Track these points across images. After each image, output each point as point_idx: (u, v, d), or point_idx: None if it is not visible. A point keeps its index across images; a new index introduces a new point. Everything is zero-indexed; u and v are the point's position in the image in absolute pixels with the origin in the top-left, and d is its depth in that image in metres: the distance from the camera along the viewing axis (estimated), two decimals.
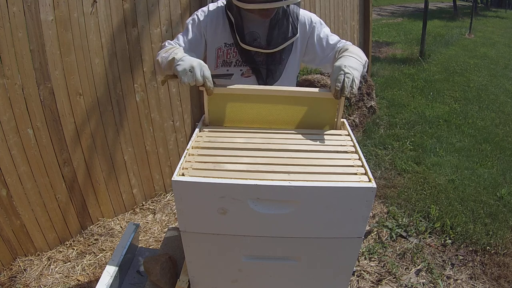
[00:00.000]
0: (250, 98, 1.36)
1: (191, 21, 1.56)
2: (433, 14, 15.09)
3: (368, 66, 5.42)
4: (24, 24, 2.01)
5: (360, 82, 4.85)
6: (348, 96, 1.26)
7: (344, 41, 1.55)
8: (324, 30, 1.56)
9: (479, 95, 5.78)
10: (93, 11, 2.29)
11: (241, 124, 1.40)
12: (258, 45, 1.47)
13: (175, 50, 1.40)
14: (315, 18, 1.58)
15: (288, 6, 1.47)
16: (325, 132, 1.35)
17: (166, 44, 1.51)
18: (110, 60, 2.46)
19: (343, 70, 1.26)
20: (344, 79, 1.25)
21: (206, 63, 1.33)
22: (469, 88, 6.10)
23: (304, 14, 1.57)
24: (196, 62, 1.29)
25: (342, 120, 1.43)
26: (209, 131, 1.34)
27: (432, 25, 11.82)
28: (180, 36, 1.55)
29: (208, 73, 1.29)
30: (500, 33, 12.24)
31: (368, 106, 4.50)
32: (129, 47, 2.54)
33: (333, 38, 1.55)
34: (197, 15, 1.56)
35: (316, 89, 1.38)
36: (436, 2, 21.07)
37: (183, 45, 1.51)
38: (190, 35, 1.53)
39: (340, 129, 1.40)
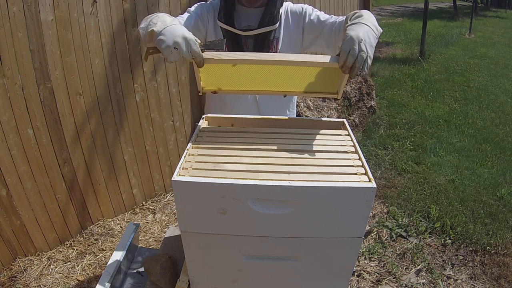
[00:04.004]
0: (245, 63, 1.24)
1: (193, 7, 1.55)
2: (433, 14, 15.09)
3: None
4: (24, 24, 2.01)
5: (360, 82, 4.83)
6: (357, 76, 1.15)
7: (336, 16, 1.50)
8: (315, 13, 1.54)
9: (479, 95, 5.78)
10: (93, 11, 2.29)
11: (238, 87, 1.30)
12: (233, 25, 1.47)
13: (154, 19, 1.21)
14: (306, 5, 1.58)
15: None
16: (325, 132, 1.35)
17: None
18: (110, 60, 2.46)
19: (359, 46, 1.08)
20: (357, 57, 1.08)
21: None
22: (469, 88, 6.10)
23: (296, 5, 1.58)
24: (180, 37, 1.11)
25: (342, 120, 1.43)
26: (209, 131, 1.34)
27: (432, 25, 11.83)
28: (184, 15, 1.52)
29: (195, 46, 1.13)
30: (500, 33, 12.24)
31: (368, 106, 4.50)
32: (129, 47, 2.54)
33: (325, 15, 1.53)
34: (201, 4, 1.56)
35: (322, 57, 1.18)
36: (436, 2, 21.07)
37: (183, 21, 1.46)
38: (194, 20, 1.51)
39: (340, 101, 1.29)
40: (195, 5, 1.57)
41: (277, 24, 1.49)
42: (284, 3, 1.56)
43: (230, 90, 1.33)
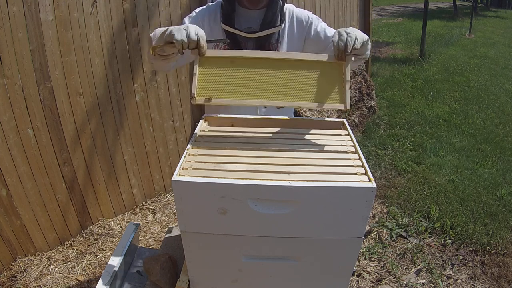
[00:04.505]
0: (246, 64, 1.26)
1: (187, 18, 1.56)
2: (433, 14, 15.08)
3: (368, 64, 5.29)
4: (24, 24, 2.01)
5: (360, 82, 4.84)
6: (351, 52, 1.19)
7: None
8: (321, 25, 1.56)
9: (479, 95, 5.78)
10: (93, 11, 2.29)
11: (234, 96, 1.26)
12: (239, 28, 1.47)
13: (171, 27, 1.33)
14: (311, 14, 1.58)
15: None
16: (325, 132, 1.35)
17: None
18: (110, 60, 2.46)
19: (345, 31, 1.21)
20: (346, 38, 1.20)
21: None
22: (469, 88, 6.10)
23: (302, 12, 1.58)
24: (191, 25, 1.25)
25: (342, 120, 1.43)
26: (209, 131, 1.34)
27: (432, 25, 11.82)
28: None
29: (203, 33, 1.24)
30: (500, 33, 12.23)
31: (368, 106, 4.50)
32: (129, 47, 2.54)
33: (331, 31, 1.54)
34: (194, 11, 1.56)
35: (321, 54, 1.29)
36: (436, 2, 21.06)
37: None
38: None
39: (346, 108, 1.25)
40: (189, 16, 1.57)
41: (282, 25, 1.50)
42: (288, 7, 1.56)
43: (224, 101, 1.27)
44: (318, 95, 1.26)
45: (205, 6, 1.58)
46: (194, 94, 1.24)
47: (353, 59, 1.29)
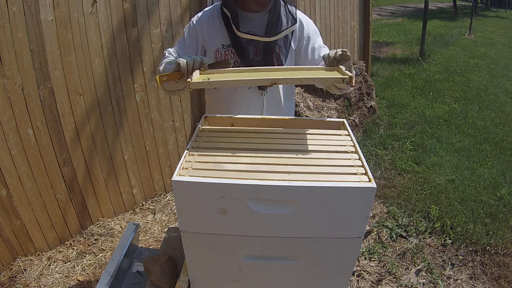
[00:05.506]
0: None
1: (186, 28, 1.59)
2: (433, 14, 15.08)
3: (368, 64, 5.35)
4: (24, 24, 2.01)
5: (360, 82, 4.85)
6: (341, 53, 1.33)
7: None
8: (318, 40, 1.62)
9: (479, 95, 5.77)
10: (93, 11, 2.29)
11: (233, 77, 1.31)
12: (255, 34, 1.48)
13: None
14: (313, 25, 1.63)
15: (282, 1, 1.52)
16: (325, 132, 1.35)
17: (167, 54, 1.53)
18: (110, 60, 2.46)
19: (333, 49, 1.39)
20: (336, 51, 1.36)
21: None
22: (469, 88, 6.10)
23: (305, 17, 1.61)
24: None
25: (342, 120, 1.43)
26: (209, 131, 1.34)
27: (432, 25, 11.81)
28: (176, 45, 1.59)
29: (206, 59, 1.37)
30: (500, 33, 12.23)
31: (368, 106, 4.50)
32: (129, 47, 2.54)
33: (325, 50, 1.57)
34: (192, 21, 1.58)
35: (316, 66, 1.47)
36: (436, 2, 21.06)
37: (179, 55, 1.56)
38: (185, 44, 1.56)
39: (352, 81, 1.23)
40: (187, 26, 1.59)
41: (297, 24, 1.53)
42: (295, 11, 1.56)
43: (222, 80, 1.29)
44: (319, 74, 1.35)
45: (201, 13, 1.58)
46: (192, 76, 1.27)
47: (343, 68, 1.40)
